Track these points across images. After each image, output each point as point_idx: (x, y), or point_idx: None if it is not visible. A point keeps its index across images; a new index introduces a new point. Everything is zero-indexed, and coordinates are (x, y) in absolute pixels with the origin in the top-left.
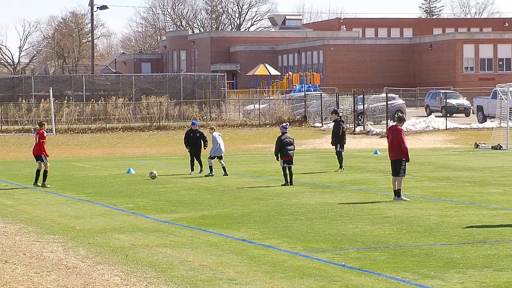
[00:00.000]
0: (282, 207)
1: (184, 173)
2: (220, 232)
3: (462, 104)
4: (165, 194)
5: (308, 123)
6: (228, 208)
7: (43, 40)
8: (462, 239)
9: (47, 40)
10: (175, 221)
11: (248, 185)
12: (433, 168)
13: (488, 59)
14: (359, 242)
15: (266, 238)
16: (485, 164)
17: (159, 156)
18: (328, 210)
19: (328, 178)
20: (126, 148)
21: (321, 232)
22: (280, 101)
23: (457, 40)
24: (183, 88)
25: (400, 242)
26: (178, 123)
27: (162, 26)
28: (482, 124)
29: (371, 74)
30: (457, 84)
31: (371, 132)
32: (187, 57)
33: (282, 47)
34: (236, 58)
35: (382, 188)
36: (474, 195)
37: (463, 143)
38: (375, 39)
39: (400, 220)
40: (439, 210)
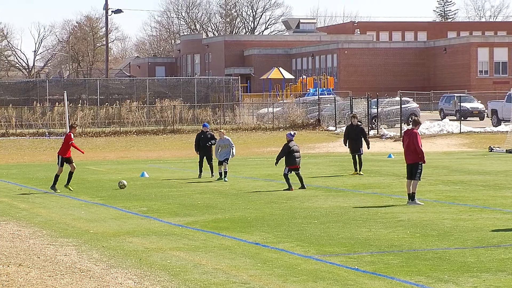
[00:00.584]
0: (296, 211)
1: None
2: (234, 236)
3: (476, 107)
4: (179, 197)
5: (322, 127)
6: (241, 212)
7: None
8: (476, 243)
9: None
10: (189, 224)
11: (261, 189)
12: (447, 171)
13: (503, 63)
14: (372, 246)
15: (279, 241)
16: (499, 168)
17: (173, 159)
18: (342, 213)
19: (341, 182)
20: (140, 151)
21: (334, 235)
22: (293, 104)
23: (472, 44)
24: (197, 92)
25: (414, 246)
26: (192, 126)
27: (176, 30)
28: (497, 128)
29: (385, 77)
30: (471, 87)
31: (385, 135)
32: (201, 61)
33: (296, 50)
34: (250, 61)
35: (396, 192)
36: (488, 199)
37: (477, 146)
38: (389, 43)
39: (414, 224)
40: (453, 214)
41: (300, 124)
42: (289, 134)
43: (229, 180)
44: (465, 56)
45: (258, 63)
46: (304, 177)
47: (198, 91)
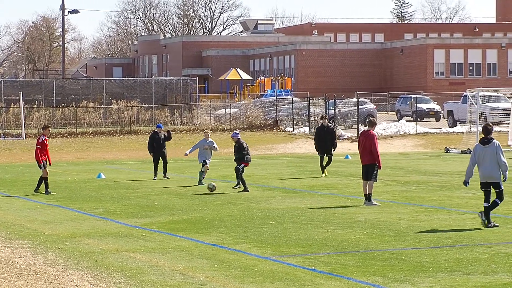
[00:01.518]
0: (253, 212)
1: (160, 177)
2: (191, 237)
3: (432, 108)
4: (135, 199)
5: (280, 128)
6: (198, 213)
7: (13, 44)
8: (431, 243)
9: (17, 44)
10: (145, 226)
11: (219, 190)
12: (404, 172)
13: (459, 64)
14: (329, 247)
15: (236, 242)
16: (455, 169)
17: (130, 160)
18: (299, 214)
19: (299, 183)
20: (97, 152)
21: (291, 236)
22: (251, 105)
23: (428, 45)
24: (154, 93)
25: (370, 246)
26: (149, 127)
27: (133, 31)
28: (453, 129)
29: (342, 78)
30: (427, 88)
31: (342, 136)
32: (158, 62)
33: (254, 51)
34: (208, 62)
35: (353, 193)
36: (444, 199)
37: (433, 147)
38: (347, 44)
39: (370, 224)
40: (409, 214)
41: (258, 125)
42: (235, 134)
43: (186, 181)
44: (421, 57)
45: (216, 64)
46: (263, 177)
47: (156, 92)
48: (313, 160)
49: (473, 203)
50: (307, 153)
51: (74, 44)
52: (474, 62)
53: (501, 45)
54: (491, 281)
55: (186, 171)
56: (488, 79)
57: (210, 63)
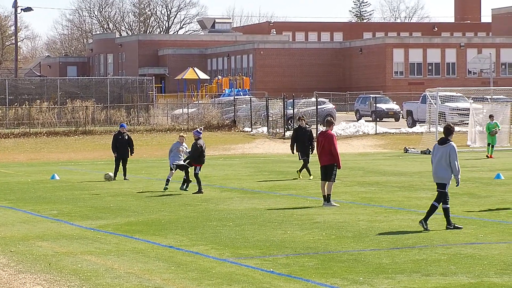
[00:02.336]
0: (210, 213)
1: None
2: (147, 239)
3: (391, 108)
4: (90, 200)
5: (238, 128)
6: (155, 214)
7: None
8: (391, 244)
9: None
10: (101, 227)
11: (176, 191)
12: (363, 173)
13: (418, 64)
14: (288, 248)
15: (193, 244)
16: (414, 169)
17: (84, 161)
18: (257, 215)
19: (257, 184)
20: (51, 153)
21: (249, 238)
22: (209, 105)
23: (387, 45)
24: (110, 92)
25: (329, 247)
26: (105, 127)
27: (88, 29)
28: (412, 129)
29: (301, 78)
30: (387, 88)
31: None
32: (114, 61)
33: (211, 50)
34: (165, 61)
35: (311, 193)
36: (403, 200)
37: (392, 147)
38: (305, 43)
39: (329, 226)
40: (368, 215)
41: (216, 125)
42: (196, 132)
43: (142, 182)
44: (380, 57)
45: (172, 63)
46: (220, 178)
47: (111, 92)
48: (271, 161)
49: None
50: (266, 154)
51: (28, 43)
52: (433, 62)
53: (460, 44)
54: (451, 282)
55: (142, 172)
56: (447, 78)
57: (167, 62)
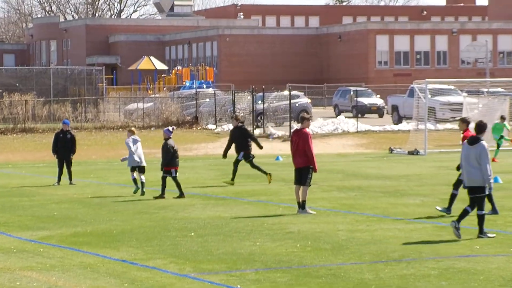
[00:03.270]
0: (169, 222)
1: (53, 182)
2: (96, 252)
3: (375, 103)
4: (31, 208)
5: (200, 125)
6: (105, 224)
7: None
8: (374, 257)
9: None
10: (43, 239)
11: (129, 197)
12: (343, 176)
13: (404, 52)
14: (257, 262)
15: (150, 258)
16: (400, 172)
17: (24, 163)
18: (222, 225)
19: (222, 189)
20: None
21: (214, 250)
22: (167, 99)
23: (370, 31)
24: (53, 84)
25: (305, 261)
26: (48, 125)
27: (28, 11)
28: (398, 126)
29: (272, 68)
30: (369, 80)
31: (272, 135)
32: (58, 48)
33: (170, 37)
34: (116, 49)
35: (284, 200)
36: (388, 207)
37: (376, 147)
38: (277, 29)
39: (304, 236)
40: (348, 224)
41: (175, 122)
42: (167, 130)
43: (91, 187)
44: (362, 44)
45: (125, 51)
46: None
47: (55, 84)
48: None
49: (421, 211)
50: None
51: None
52: (422, 50)
53: (452, 31)
54: None
55: (91, 176)
56: (437, 69)
57: (119, 50)
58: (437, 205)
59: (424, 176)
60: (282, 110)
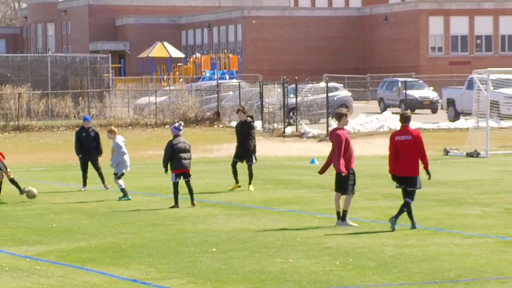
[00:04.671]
0: (187, 236)
1: (52, 190)
2: (102, 270)
3: (427, 96)
4: (26, 219)
5: (222, 122)
6: (113, 238)
7: None
8: (426, 277)
9: None
10: (40, 255)
11: (140, 206)
12: (389, 182)
13: (462, 37)
14: (289, 282)
15: (165, 277)
16: (457, 177)
17: (18, 166)
18: (249, 239)
19: (248, 196)
20: None
21: (239, 268)
22: (184, 92)
23: (421, 11)
24: (51, 75)
25: (345, 281)
26: (45, 122)
27: None
28: (454, 124)
29: (306, 56)
30: (421, 69)
31: (306, 134)
32: (56, 33)
33: (187, 19)
34: (125, 34)
35: (321, 209)
36: (443, 218)
37: (428, 148)
38: (312, 10)
39: (344, 252)
40: (396, 238)
41: (193, 119)
42: (174, 128)
43: (95, 194)
44: (412, 27)
45: (135, 36)
46: (199, 190)
47: (53, 74)
48: (267, 166)
49: (482, 223)
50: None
51: None
52: (483, 34)
53: None
54: None
55: (96, 181)
56: (501, 56)
57: (128, 35)
58: (501, 216)
59: (485, 182)
60: (318, 104)
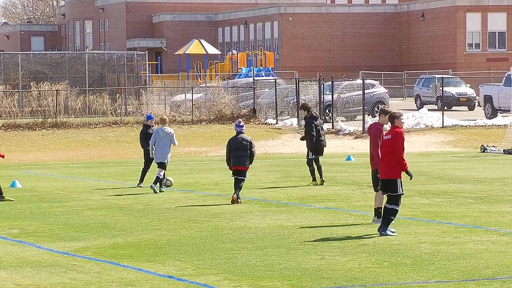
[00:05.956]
0: (223, 232)
1: (89, 186)
2: (139, 267)
3: (464, 93)
4: (63, 215)
5: (258, 119)
6: (149, 234)
7: None
8: (463, 274)
9: None
10: (77, 252)
11: (177, 203)
12: (425, 179)
13: (500, 33)
14: (325, 279)
15: (201, 274)
16: (495, 174)
17: (55, 163)
18: (285, 235)
19: (284, 193)
20: (11, 152)
21: (275, 265)
22: (220, 89)
23: (458, 7)
24: (88, 72)
25: (381, 278)
26: (82, 119)
27: None
28: (491, 121)
29: (342, 53)
30: (458, 66)
31: (343, 131)
32: (94, 30)
33: (223, 16)
34: (161, 31)
35: (357, 206)
36: (480, 215)
37: (465, 145)
38: (348, 6)
39: (381, 249)
40: (433, 235)
41: (229, 116)
42: (235, 125)
43: (132, 191)
44: (449, 24)
45: (172, 33)
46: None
47: (91, 71)
48: (303, 163)
49: None
50: (295, 153)
51: None
52: None
53: None
54: None
55: (132, 178)
56: None
57: (164, 32)
58: None
59: None
60: (354, 101)
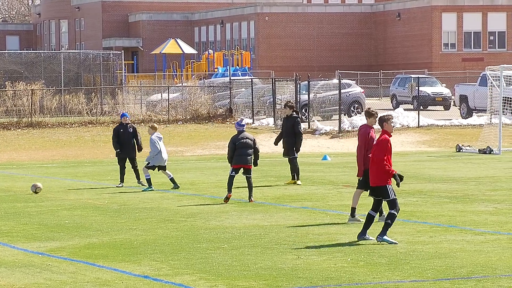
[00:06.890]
0: (199, 232)
1: (64, 186)
2: (114, 267)
3: (440, 93)
4: (39, 215)
5: (235, 119)
6: (125, 234)
7: None
8: (438, 274)
9: None
10: (52, 252)
11: (153, 203)
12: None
13: (475, 33)
14: (301, 279)
15: (176, 273)
16: (470, 174)
17: (31, 163)
18: (261, 235)
19: (260, 193)
20: None
21: (250, 265)
22: (196, 89)
23: (434, 7)
24: (64, 71)
25: (357, 278)
26: (58, 118)
27: None
28: (467, 120)
29: (319, 53)
30: (433, 66)
31: (319, 130)
32: (70, 29)
33: (200, 16)
34: (138, 30)
35: (333, 206)
36: (455, 214)
37: (441, 145)
38: (325, 6)
39: (356, 249)
40: (408, 235)
41: (206, 115)
42: (236, 124)
43: (108, 191)
44: (425, 24)
45: (148, 32)
46: (211, 186)
47: (66, 71)
48: (279, 163)
49: (495, 220)
50: (271, 153)
51: None
52: (496, 31)
53: None
54: None
55: (108, 178)
56: None
57: (141, 31)
58: None
59: (498, 179)
60: (331, 101)
